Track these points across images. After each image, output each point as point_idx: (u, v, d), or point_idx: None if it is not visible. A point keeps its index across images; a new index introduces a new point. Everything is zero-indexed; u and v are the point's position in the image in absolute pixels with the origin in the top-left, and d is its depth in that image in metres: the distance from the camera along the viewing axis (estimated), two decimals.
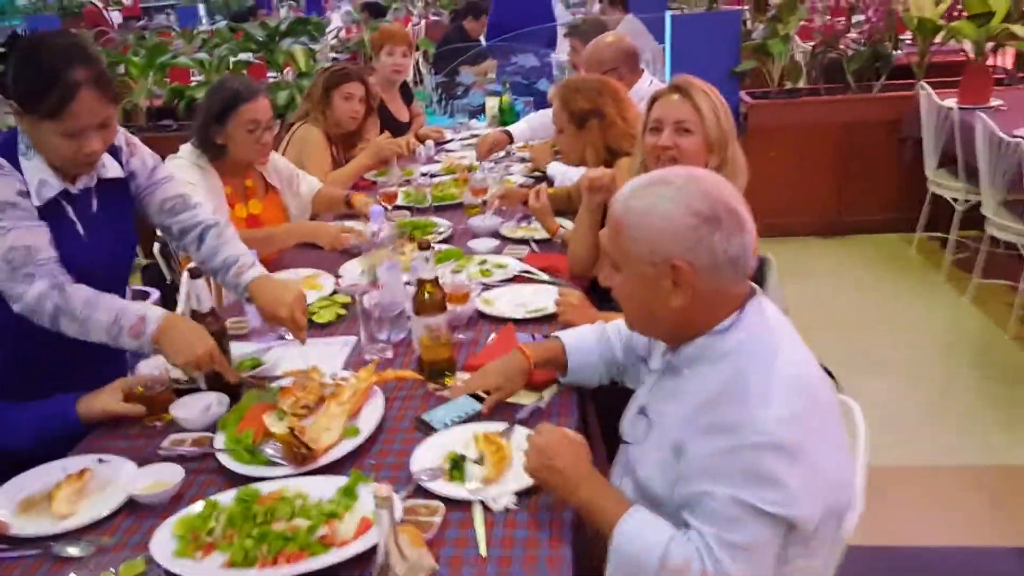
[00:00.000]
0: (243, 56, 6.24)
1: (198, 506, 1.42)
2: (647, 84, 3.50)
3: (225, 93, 2.68)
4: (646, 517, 1.29)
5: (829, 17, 5.29)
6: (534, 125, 3.93)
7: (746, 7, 6.50)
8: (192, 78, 5.77)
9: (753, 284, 1.36)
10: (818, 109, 5.02)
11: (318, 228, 2.83)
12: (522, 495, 1.44)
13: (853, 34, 5.18)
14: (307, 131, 3.46)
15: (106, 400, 1.74)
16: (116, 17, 11.23)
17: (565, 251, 2.56)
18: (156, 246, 2.94)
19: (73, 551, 1.38)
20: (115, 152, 1.93)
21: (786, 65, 5.21)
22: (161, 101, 5.54)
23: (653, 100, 2.13)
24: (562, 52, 6.35)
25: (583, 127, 2.55)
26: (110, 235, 1.94)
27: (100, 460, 1.61)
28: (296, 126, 3.51)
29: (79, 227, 1.86)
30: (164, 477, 1.53)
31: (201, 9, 10.98)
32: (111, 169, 1.92)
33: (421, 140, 4.24)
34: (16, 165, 1.76)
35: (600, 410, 1.98)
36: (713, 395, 1.25)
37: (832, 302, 4.32)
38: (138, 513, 1.48)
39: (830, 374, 1.39)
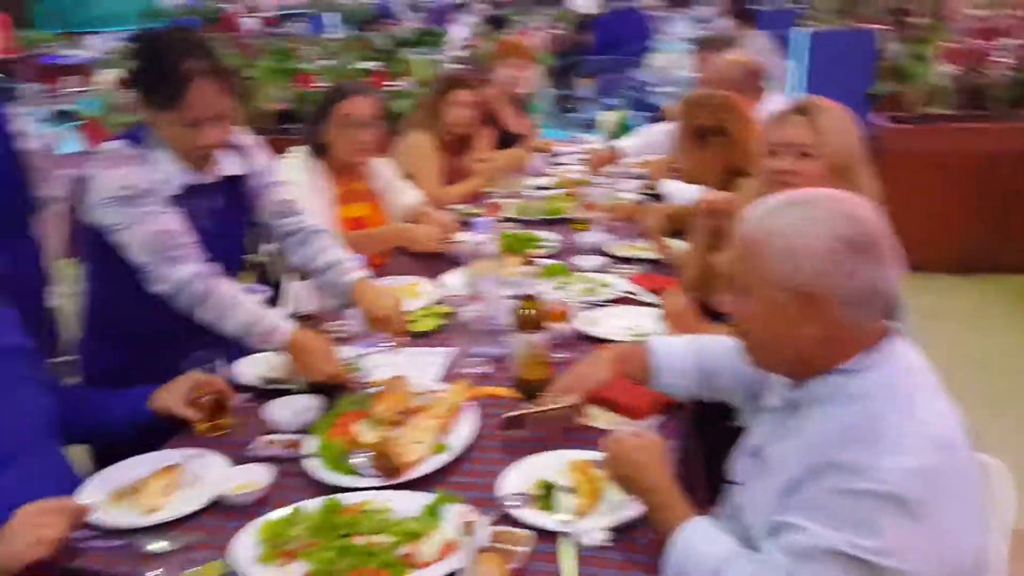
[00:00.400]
0: (366, 64, 6.38)
1: (282, 512, 1.40)
2: (772, 104, 3.34)
3: (329, 93, 2.77)
4: (705, 530, 1.24)
5: (975, 39, 4.93)
6: (647, 140, 3.82)
7: (885, 26, 6.17)
8: (316, 84, 5.94)
9: (890, 323, 1.22)
10: (960, 137, 4.69)
11: (413, 231, 2.79)
12: (616, 531, 1.35)
13: (1003, 58, 4.82)
14: (416, 138, 3.47)
15: (169, 399, 1.70)
16: (255, 23, 11.78)
17: (673, 273, 2.44)
18: (272, 246, 2.99)
19: (157, 546, 1.37)
20: (236, 151, 1.98)
21: (926, 88, 4.89)
22: (287, 106, 5.72)
23: (774, 121, 2.00)
24: (682, 68, 6.21)
25: (704, 144, 2.43)
26: (225, 231, 1.99)
27: (192, 455, 1.61)
28: (408, 134, 3.53)
29: (198, 221, 1.90)
30: (253, 478, 1.52)
31: (327, 18, 11.36)
32: (231, 167, 1.97)
33: (533, 153, 4.21)
34: (148, 156, 1.83)
35: (706, 448, 1.86)
36: (839, 435, 1.14)
37: (968, 345, 3.99)
38: (225, 512, 1.46)
39: (969, 429, 1.24)
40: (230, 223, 2.01)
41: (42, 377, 1.67)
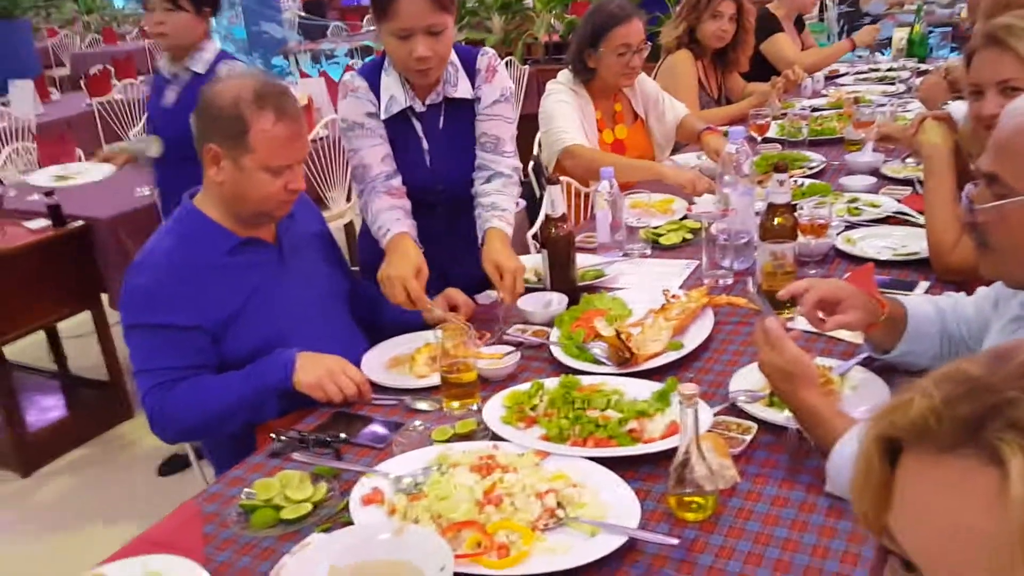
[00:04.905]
0: None
1: (527, 385, 1.56)
2: None
3: (599, 17, 2.76)
4: None
5: None
6: None
7: None
8: None
9: None
10: None
11: (678, 176, 2.60)
12: None
13: None
14: (674, 60, 3.43)
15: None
16: None
17: None
18: (530, 164, 3.17)
19: (423, 405, 1.60)
20: (472, 74, 2.05)
21: None
22: (558, 36, 5.91)
23: (969, 57, 1.70)
24: None
25: None
26: (453, 151, 2.05)
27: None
28: (666, 57, 3.49)
29: (424, 142, 2.04)
30: (505, 357, 1.70)
31: None
32: (461, 89, 2.02)
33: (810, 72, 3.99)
34: (378, 83, 1.99)
35: None
36: None
37: None
38: (480, 383, 1.65)
39: None
40: (455, 144, 2.05)
41: (341, 261, 1.97)
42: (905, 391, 0.57)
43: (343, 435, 1.49)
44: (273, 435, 1.50)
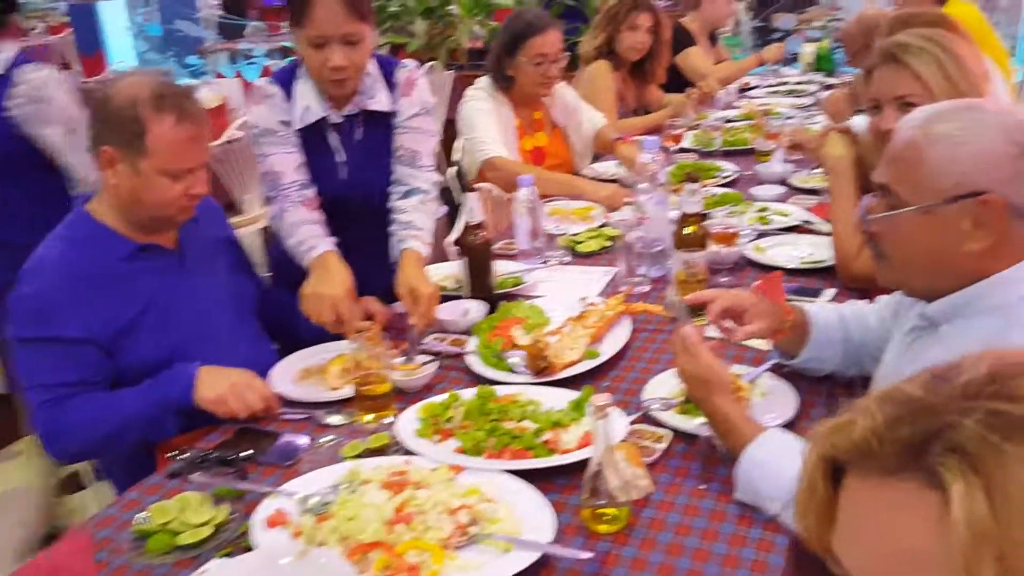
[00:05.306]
0: None
1: (443, 396, 1.53)
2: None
3: (517, 26, 2.76)
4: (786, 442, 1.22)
5: None
6: None
7: None
8: None
9: None
10: None
11: (597, 192, 2.66)
12: None
13: None
14: (592, 70, 3.44)
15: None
16: None
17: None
18: (453, 170, 3.15)
19: (335, 419, 1.55)
20: (391, 87, 1.99)
21: None
22: (481, 42, 5.89)
23: (868, 73, 1.77)
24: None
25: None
26: (369, 164, 1.99)
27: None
28: (584, 67, 3.51)
29: (339, 154, 1.99)
30: (421, 368, 1.66)
31: None
32: (379, 101, 1.97)
33: (724, 84, 4.08)
34: (292, 90, 1.93)
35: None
36: (978, 346, 1.08)
37: None
38: (394, 395, 1.61)
39: None
40: (372, 156, 1.99)
41: (248, 266, 1.90)
42: (847, 411, 0.57)
43: (248, 453, 1.43)
44: (171, 454, 1.43)
